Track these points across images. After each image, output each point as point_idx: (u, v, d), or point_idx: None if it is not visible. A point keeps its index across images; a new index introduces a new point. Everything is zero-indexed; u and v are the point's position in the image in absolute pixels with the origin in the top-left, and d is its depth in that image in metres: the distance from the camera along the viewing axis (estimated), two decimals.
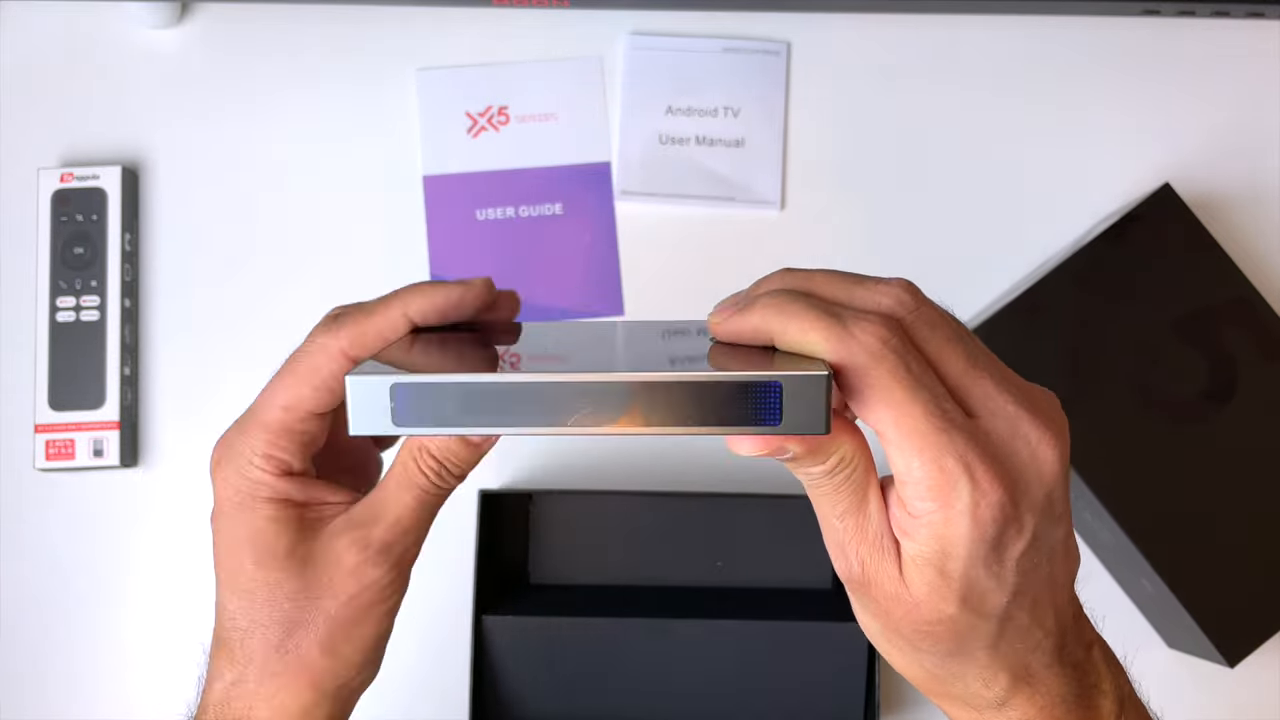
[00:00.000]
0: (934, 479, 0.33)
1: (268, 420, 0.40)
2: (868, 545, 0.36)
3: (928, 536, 0.34)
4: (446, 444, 0.39)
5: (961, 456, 0.33)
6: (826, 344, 0.33)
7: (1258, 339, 0.68)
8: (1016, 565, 0.35)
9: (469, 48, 0.77)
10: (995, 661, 0.37)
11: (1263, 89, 0.77)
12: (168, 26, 0.77)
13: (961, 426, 0.33)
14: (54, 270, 0.74)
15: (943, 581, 0.34)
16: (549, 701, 0.68)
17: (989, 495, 0.33)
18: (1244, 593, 0.66)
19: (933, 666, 0.37)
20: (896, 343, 0.33)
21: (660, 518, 0.73)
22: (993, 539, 0.34)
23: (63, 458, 0.73)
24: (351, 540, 0.40)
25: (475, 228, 0.76)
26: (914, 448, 0.33)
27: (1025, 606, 0.36)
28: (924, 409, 0.33)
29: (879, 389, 0.33)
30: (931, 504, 0.33)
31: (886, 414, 0.33)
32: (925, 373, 0.34)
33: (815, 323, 0.34)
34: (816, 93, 0.77)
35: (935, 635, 0.36)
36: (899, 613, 0.36)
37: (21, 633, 0.74)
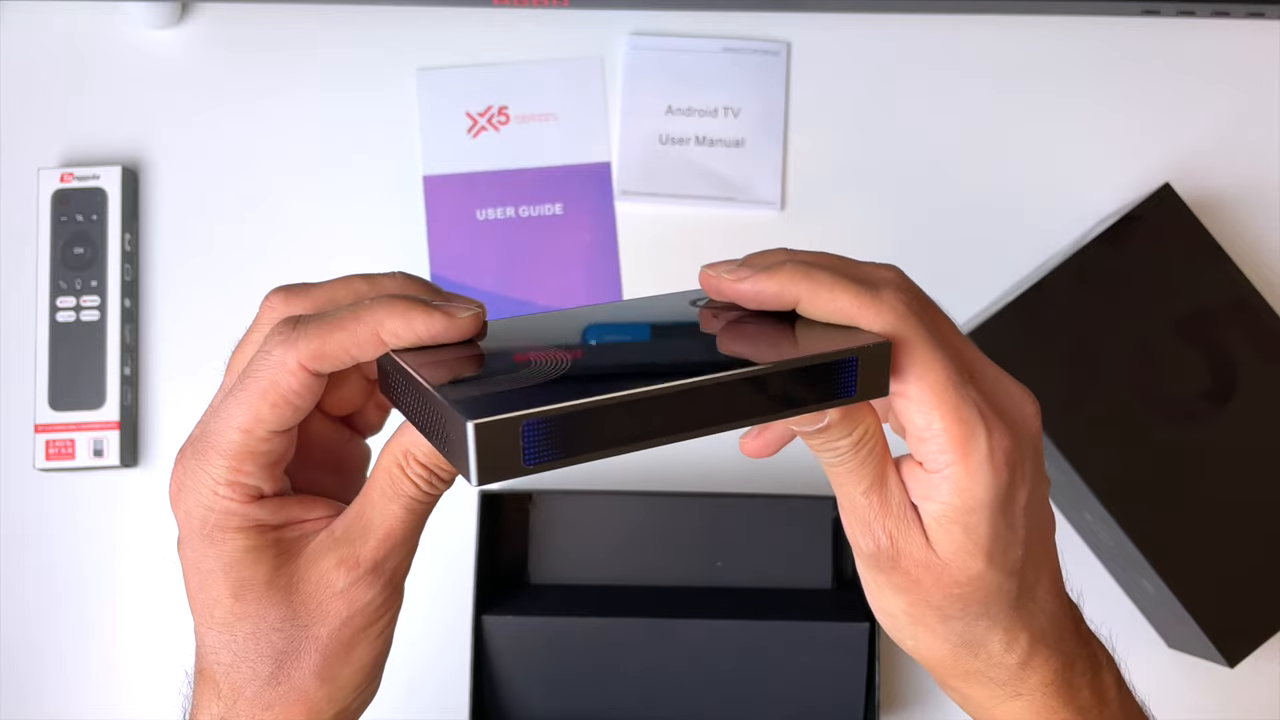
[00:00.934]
0: (954, 430, 0.35)
1: (225, 445, 0.36)
2: (893, 517, 0.37)
3: (950, 491, 0.35)
4: (434, 449, 0.36)
5: (977, 406, 0.35)
6: (857, 306, 0.35)
7: (1258, 339, 0.68)
8: (1024, 517, 0.37)
9: (469, 48, 0.77)
10: (1017, 621, 0.38)
11: (1263, 89, 0.77)
12: (168, 26, 0.77)
13: (973, 382, 0.36)
14: (54, 270, 0.74)
15: (967, 538, 0.36)
16: (549, 701, 0.68)
17: (1002, 441, 0.35)
18: (1244, 593, 0.66)
19: (960, 634, 0.38)
20: (919, 307, 0.35)
21: (660, 518, 0.73)
22: (1007, 485, 0.36)
23: (63, 458, 0.73)
24: (338, 560, 0.37)
25: (475, 228, 0.76)
26: (936, 401, 0.35)
27: (1032, 561, 0.38)
28: (946, 366, 0.35)
29: (907, 348, 0.35)
30: (952, 454, 0.35)
31: (914, 370, 0.35)
32: (943, 333, 0.36)
33: (846, 287, 0.35)
34: (816, 93, 0.77)
35: (965, 597, 0.37)
36: (928, 580, 0.37)
37: (22, 632, 0.74)
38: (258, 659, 0.37)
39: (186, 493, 0.37)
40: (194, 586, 0.37)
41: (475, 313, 0.36)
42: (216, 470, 0.36)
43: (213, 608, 0.37)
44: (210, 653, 0.37)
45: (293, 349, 0.36)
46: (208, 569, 0.37)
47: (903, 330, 0.35)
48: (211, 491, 0.36)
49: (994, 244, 0.76)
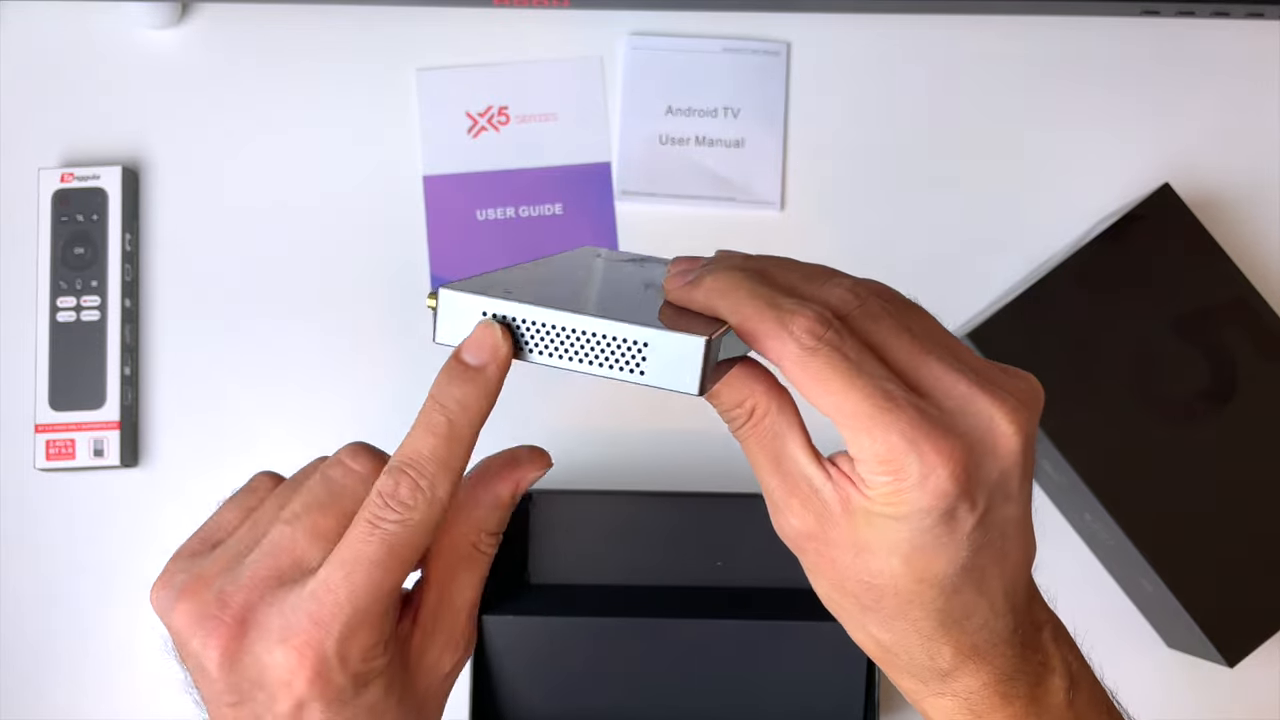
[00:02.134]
0: (882, 455, 0.34)
1: (379, 614, 0.35)
2: (799, 496, 0.37)
3: (879, 501, 0.35)
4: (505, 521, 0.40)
5: (905, 433, 0.34)
6: (762, 334, 0.35)
7: (1258, 339, 0.68)
8: (968, 539, 0.35)
9: (469, 48, 0.77)
10: (940, 633, 0.37)
11: (1263, 89, 0.77)
12: (168, 26, 0.77)
13: (907, 406, 0.34)
14: (54, 270, 0.74)
15: (888, 536, 0.35)
16: (549, 701, 0.68)
17: (938, 470, 0.34)
18: (1244, 593, 0.66)
19: (878, 630, 0.38)
20: (831, 335, 0.34)
21: (660, 518, 0.73)
22: (944, 511, 0.34)
23: (63, 458, 0.73)
24: (441, 649, 0.39)
25: (475, 228, 0.76)
26: (860, 428, 0.34)
27: (973, 582, 0.36)
28: (863, 392, 0.34)
29: (817, 379, 0.34)
30: (884, 478, 0.34)
31: (828, 401, 0.34)
32: (864, 358, 0.35)
33: (753, 315, 0.35)
34: (816, 93, 0.77)
35: (879, 591, 0.37)
36: (844, 561, 0.37)
37: (22, 632, 0.74)
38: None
39: (332, 673, 0.35)
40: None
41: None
42: (371, 638, 0.36)
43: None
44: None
45: (431, 507, 0.36)
46: (348, 717, 0.36)
47: (807, 360, 0.34)
48: (363, 661, 0.36)
49: (994, 244, 0.76)
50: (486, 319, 0.36)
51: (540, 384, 0.73)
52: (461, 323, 0.36)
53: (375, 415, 0.75)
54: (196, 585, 0.38)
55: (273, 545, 0.36)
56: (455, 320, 0.36)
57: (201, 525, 0.42)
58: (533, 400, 0.74)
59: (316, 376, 0.75)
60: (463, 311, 0.36)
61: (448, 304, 0.37)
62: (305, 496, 0.37)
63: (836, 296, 0.36)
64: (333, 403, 0.75)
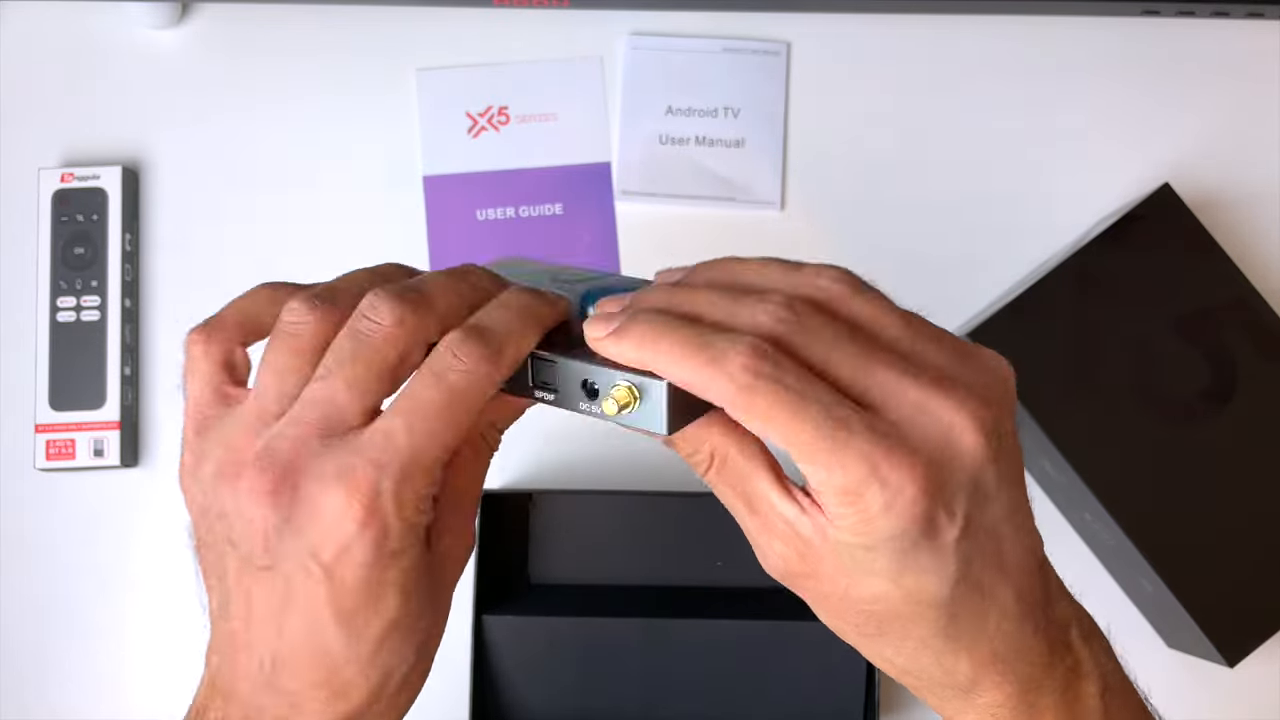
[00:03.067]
0: (840, 485, 0.33)
1: (431, 462, 0.35)
2: (779, 536, 0.36)
3: (848, 531, 0.33)
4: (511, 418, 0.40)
5: (864, 458, 0.32)
6: (699, 383, 0.33)
7: (1258, 339, 0.68)
8: (955, 552, 0.34)
9: (469, 48, 0.77)
10: (952, 647, 0.36)
11: (1263, 89, 0.77)
12: (168, 26, 0.77)
13: (860, 428, 0.32)
14: (54, 270, 0.74)
15: (868, 562, 0.34)
16: (549, 701, 0.68)
17: (903, 490, 0.32)
18: (1244, 593, 0.66)
19: (892, 654, 0.37)
20: (768, 368, 0.32)
21: (660, 518, 0.73)
22: (920, 530, 0.33)
23: (63, 458, 0.73)
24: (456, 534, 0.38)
25: (475, 228, 0.76)
26: (815, 461, 0.33)
27: (974, 592, 0.35)
28: (812, 423, 0.32)
29: (762, 416, 0.33)
30: (847, 509, 0.33)
31: (778, 436, 0.33)
32: (808, 385, 0.33)
33: (684, 364, 0.33)
34: (816, 93, 0.77)
35: (877, 618, 0.35)
36: (837, 596, 0.35)
37: (22, 633, 0.74)
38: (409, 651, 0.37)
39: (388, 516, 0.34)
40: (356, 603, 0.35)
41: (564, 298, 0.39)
42: (424, 488, 0.35)
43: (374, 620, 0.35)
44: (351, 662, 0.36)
45: (497, 366, 0.36)
46: (385, 580, 0.35)
47: (748, 400, 0.32)
48: (416, 509, 0.35)
49: (993, 244, 0.76)
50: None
51: None
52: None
53: None
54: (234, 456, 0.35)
55: (312, 399, 0.35)
56: None
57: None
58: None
59: None
60: None
61: None
62: (335, 352, 0.36)
63: (770, 316, 0.34)
64: None
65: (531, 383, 0.37)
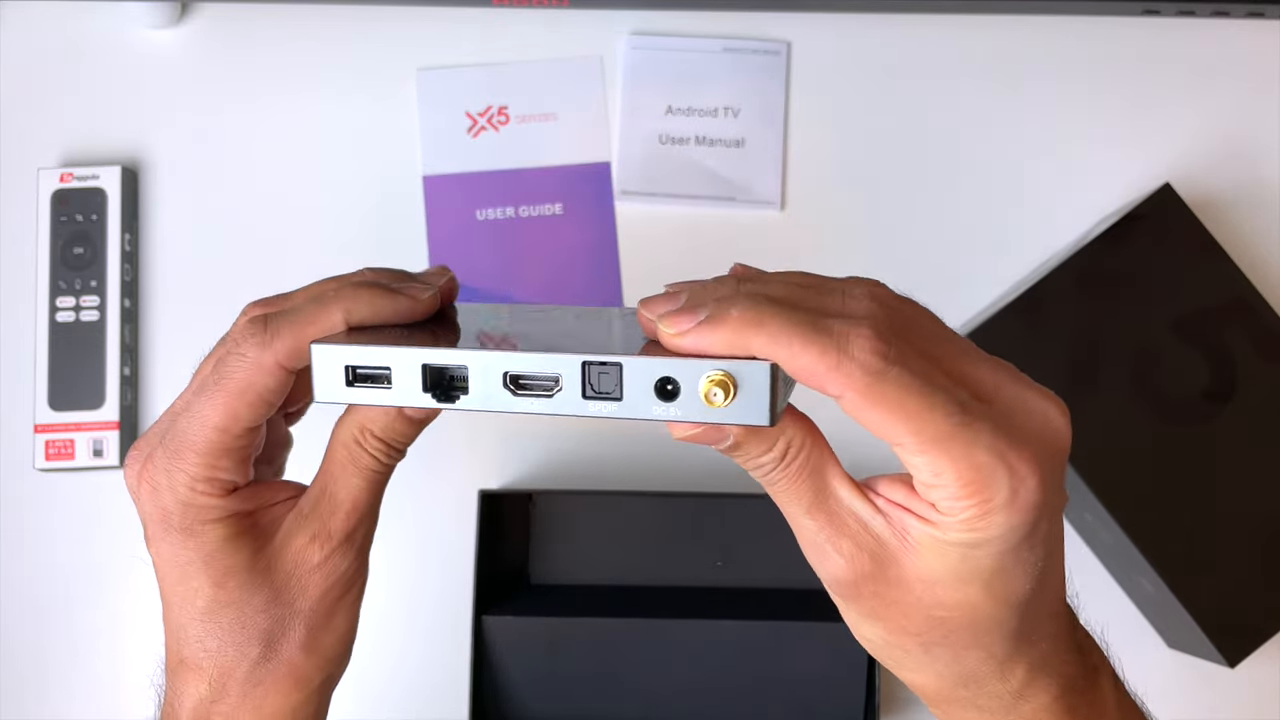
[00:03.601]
0: (967, 478, 0.31)
1: (203, 444, 0.37)
2: (849, 536, 0.33)
3: (957, 528, 0.31)
4: (390, 423, 0.38)
5: (992, 447, 0.31)
6: (823, 367, 0.30)
7: (1258, 339, 0.68)
8: (1044, 547, 0.33)
9: (469, 48, 0.77)
10: (1014, 652, 0.34)
11: (1263, 89, 0.77)
12: (168, 26, 0.77)
13: (983, 416, 0.31)
14: (54, 270, 0.74)
15: (964, 564, 0.32)
16: (549, 701, 0.68)
17: (1027, 481, 0.31)
18: (1244, 593, 0.66)
19: (947, 663, 0.34)
20: (895, 351, 0.30)
21: (660, 518, 0.73)
22: (1031, 524, 0.31)
23: (62, 458, 0.73)
24: (311, 536, 0.39)
25: (475, 228, 0.76)
26: (940, 452, 0.30)
27: (1041, 589, 0.34)
28: (943, 410, 0.30)
29: (889, 403, 0.30)
30: (968, 502, 0.31)
31: (902, 427, 0.30)
32: (931, 372, 0.31)
33: (802, 345, 0.30)
34: (816, 93, 0.77)
35: (951, 623, 0.33)
36: (907, 601, 0.33)
37: (21, 633, 0.74)
38: (246, 641, 0.39)
39: (161, 491, 0.38)
40: (172, 580, 0.39)
41: (436, 292, 0.38)
42: (194, 468, 0.38)
43: (193, 598, 0.39)
44: (194, 641, 0.40)
45: (268, 349, 0.37)
46: (186, 561, 0.39)
47: (879, 388, 0.30)
48: (189, 489, 0.38)
49: (994, 244, 0.76)
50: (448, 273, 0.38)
51: None
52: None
53: None
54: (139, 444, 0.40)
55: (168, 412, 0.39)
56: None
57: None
58: None
59: None
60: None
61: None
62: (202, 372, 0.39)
63: (869, 299, 0.32)
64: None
65: (585, 393, 0.33)
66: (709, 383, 0.31)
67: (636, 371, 0.32)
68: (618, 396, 0.33)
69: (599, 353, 0.33)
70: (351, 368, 0.35)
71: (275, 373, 0.37)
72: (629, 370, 0.32)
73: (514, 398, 0.33)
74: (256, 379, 0.37)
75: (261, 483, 0.40)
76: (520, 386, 0.34)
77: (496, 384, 0.33)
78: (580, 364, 0.33)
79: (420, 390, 0.34)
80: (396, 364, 0.34)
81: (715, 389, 0.31)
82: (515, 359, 0.33)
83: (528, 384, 0.34)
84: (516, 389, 0.34)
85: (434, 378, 0.34)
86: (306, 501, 0.39)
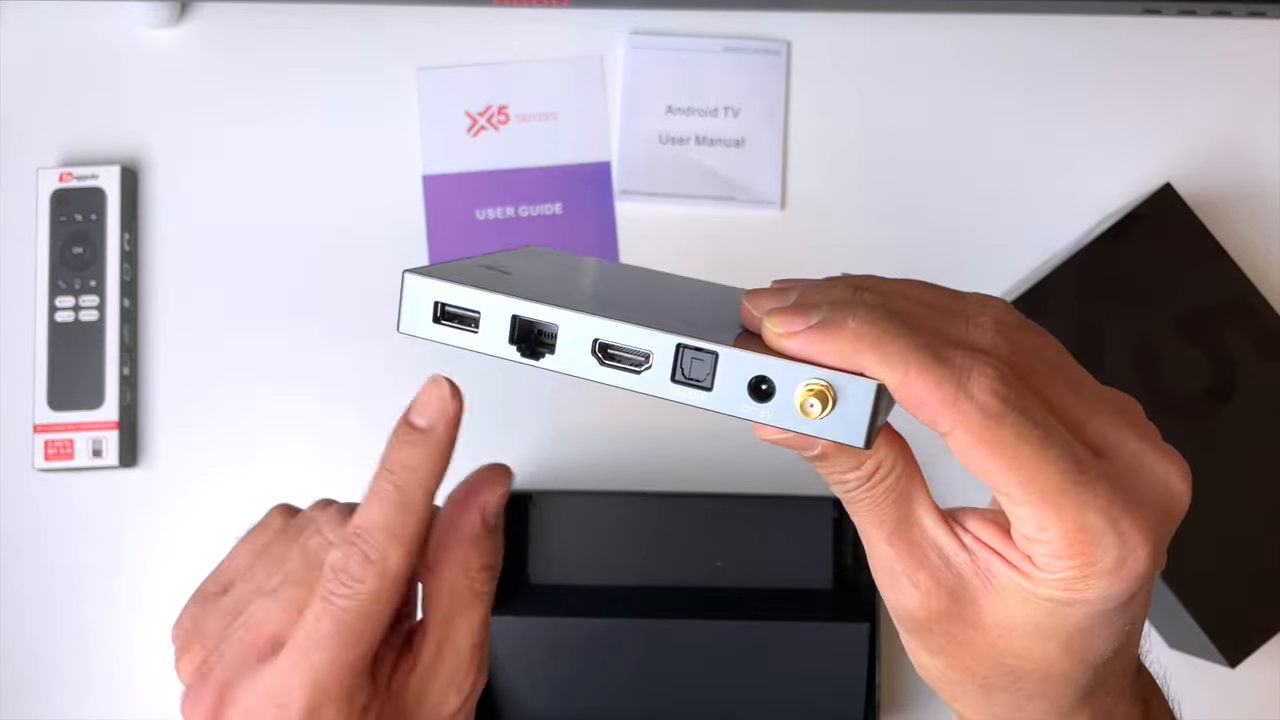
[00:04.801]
0: (1074, 538, 0.29)
1: (338, 689, 0.35)
2: (928, 569, 0.31)
3: (1055, 585, 0.30)
4: (493, 550, 0.38)
5: (1105, 511, 0.29)
6: (937, 401, 0.28)
7: (1258, 339, 0.68)
8: (1134, 612, 0.31)
9: (469, 48, 0.77)
10: (1079, 707, 0.33)
11: (1264, 89, 0.77)
12: (167, 26, 0.77)
13: (1100, 475, 0.29)
14: (53, 270, 0.74)
15: (1051, 621, 0.30)
16: (549, 701, 0.68)
17: (1137, 551, 0.29)
18: (1244, 593, 0.66)
19: (1002, 709, 0.33)
20: (1015, 396, 0.28)
21: (660, 518, 0.73)
22: (1131, 594, 0.30)
23: (62, 458, 0.72)
24: (444, 687, 0.37)
25: (475, 228, 0.76)
26: (1049, 507, 0.29)
27: (1122, 651, 0.32)
28: (1057, 465, 0.28)
29: (1001, 450, 0.28)
30: (1070, 562, 0.29)
31: (1011, 475, 0.28)
32: (1050, 421, 0.29)
33: (923, 373, 0.28)
34: (816, 93, 0.77)
35: (1020, 673, 0.31)
36: (978, 645, 0.31)
37: (22, 633, 0.74)
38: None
39: (332, 701, 0.35)
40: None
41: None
42: (338, 712, 0.35)
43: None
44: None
45: (383, 580, 0.35)
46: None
47: (994, 431, 0.28)
48: (355, 688, 0.36)
49: (994, 244, 0.76)
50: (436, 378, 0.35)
51: (538, 384, 0.73)
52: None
53: (374, 414, 0.74)
54: (193, 644, 0.38)
55: (252, 619, 0.37)
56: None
57: (219, 564, 0.41)
58: (531, 400, 0.74)
59: (315, 376, 0.75)
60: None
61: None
62: (285, 567, 0.37)
63: (994, 328, 0.30)
64: (332, 402, 0.75)
65: (674, 377, 0.31)
66: (807, 391, 0.29)
67: (732, 364, 0.30)
68: (708, 386, 0.31)
69: (698, 337, 0.31)
70: (441, 304, 0.33)
71: (399, 583, 0.35)
72: (725, 361, 0.30)
73: (600, 367, 0.32)
74: (380, 609, 0.35)
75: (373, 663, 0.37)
76: (608, 356, 0.32)
77: (585, 349, 0.32)
78: (675, 345, 0.31)
79: (506, 341, 0.32)
80: (488, 309, 0.32)
81: (812, 399, 0.29)
82: (609, 327, 0.31)
83: (616, 355, 0.32)
84: (604, 358, 0.32)
85: (523, 330, 0.32)
86: (426, 658, 0.37)
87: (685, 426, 0.74)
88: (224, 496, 0.74)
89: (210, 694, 0.36)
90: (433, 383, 0.36)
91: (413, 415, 0.36)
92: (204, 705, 0.36)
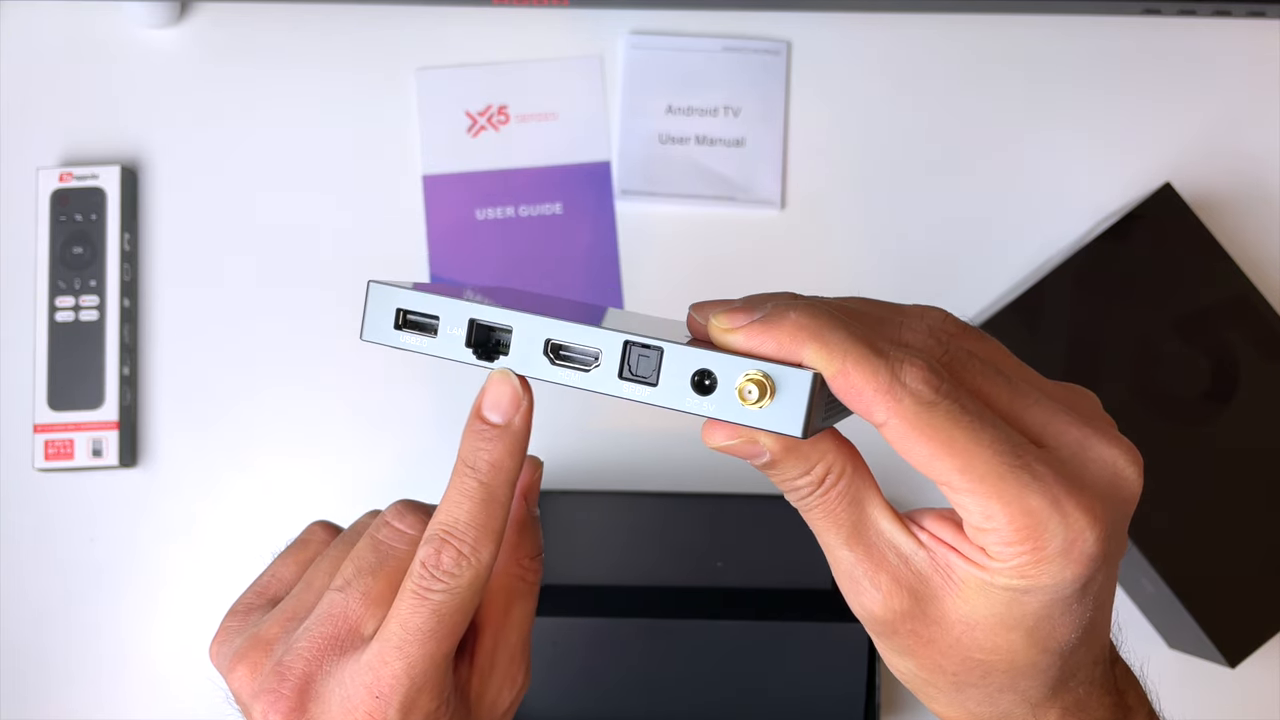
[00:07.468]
0: (1020, 523, 0.29)
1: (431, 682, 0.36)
2: (888, 571, 0.32)
3: (1010, 573, 0.30)
4: (540, 538, 0.39)
5: (1046, 493, 0.29)
6: (872, 390, 0.29)
7: (1258, 339, 0.68)
8: (1095, 598, 0.32)
9: (469, 48, 0.77)
10: (1050, 696, 0.33)
11: (1263, 89, 0.77)
12: (167, 26, 0.77)
13: (1038, 459, 0.30)
14: (53, 270, 0.74)
15: (1012, 610, 0.31)
16: (550, 702, 0.68)
17: (1085, 533, 0.30)
18: (1244, 593, 0.66)
19: (976, 705, 0.34)
20: (947, 386, 0.29)
21: (660, 518, 0.73)
22: (1086, 577, 0.30)
23: (62, 458, 0.73)
24: (500, 683, 0.38)
25: (475, 228, 0.76)
26: (990, 493, 0.29)
27: (1088, 637, 0.33)
28: (993, 448, 0.29)
29: (938, 438, 0.29)
30: (1020, 548, 0.30)
31: (949, 463, 0.29)
32: (983, 410, 0.30)
33: (859, 362, 0.29)
34: (816, 93, 0.77)
35: (987, 666, 0.32)
36: (945, 642, 0.32)
37: (21, 633, 0.74)
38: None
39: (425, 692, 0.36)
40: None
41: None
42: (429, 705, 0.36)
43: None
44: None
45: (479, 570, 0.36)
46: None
47: (926, 417, 0.29)
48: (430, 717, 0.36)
49: (994, 244, 0.76)
50: (504, 371, 0.35)
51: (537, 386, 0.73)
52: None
53: (374, 414, 0.75)
54: (254, 651, 0.37)
55: (327, 613, 0.36)
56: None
57: (257, 578, 0.41)
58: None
59: (316, 375, 0.75)
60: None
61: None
62: (356, 561, 0.37)
63: (921, 337, 0.31)
64: (332, 402, 0.75)
65: (621, 373, 0.33)
66: (745, 379, 0.30)
67: (676, 359, 0.32)
68: (653, 382, 0.32)
69: (645, 335, 0.32)
70: (403, 311, 0.35)
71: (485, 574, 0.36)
72: (669, 357, 0.32)
73: (551, 366, 0.34)
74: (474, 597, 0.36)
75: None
76: (559, 356, 0.34)
77: (537, 350, 0.34)
78: (622, 342, 0.32)
79: (463, 345, 0.34)
80: (446, 314, 0.34)
81: (750, 385, 0.30)
82: (559, 327, 0.33)
83: (567, 355, 0.34)
84: (555, 358, 0.34)
85: (479, 334, 0.34)
86: (483, 656, 0.38)
87: (685, 427, 0.74)
88: (224, 496, 0.74)
89: (290, 691, 0.36)
90: (501, 377, 0.36)
91: (486, 411, 0.36)
92: (284, 704, 0.36)
